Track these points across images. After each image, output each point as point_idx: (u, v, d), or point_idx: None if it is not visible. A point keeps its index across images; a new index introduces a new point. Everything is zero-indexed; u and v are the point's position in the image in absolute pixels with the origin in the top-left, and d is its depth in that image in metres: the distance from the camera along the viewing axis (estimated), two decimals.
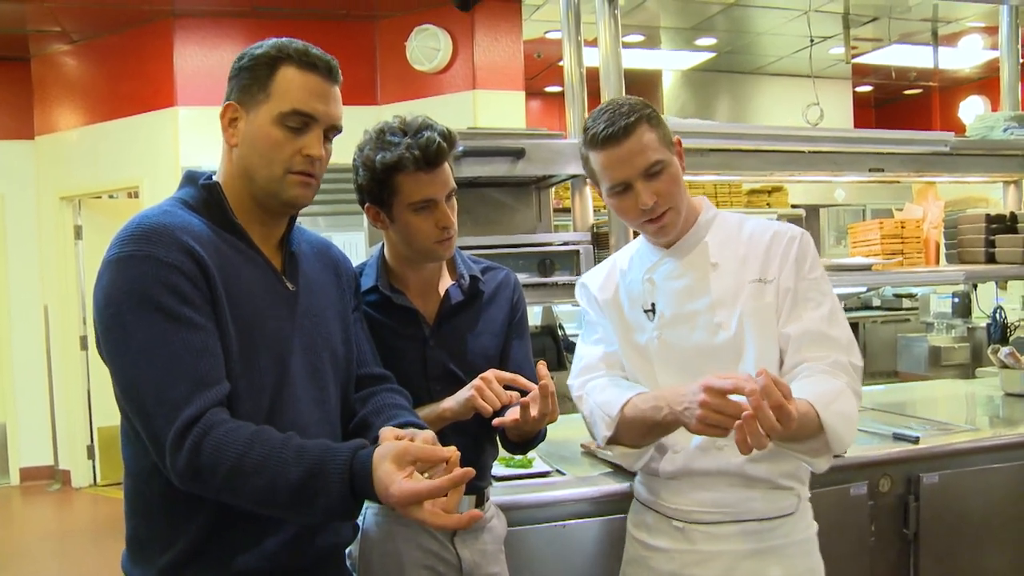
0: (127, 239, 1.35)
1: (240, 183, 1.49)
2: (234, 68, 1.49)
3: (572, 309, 4.07)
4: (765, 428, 1.38)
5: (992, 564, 2.58)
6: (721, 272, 1.80)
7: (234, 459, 1.28)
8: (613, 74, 2.91)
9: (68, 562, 5.50)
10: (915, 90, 10.24)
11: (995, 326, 3.90)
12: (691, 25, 7.36)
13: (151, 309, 1.31)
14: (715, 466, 1.76)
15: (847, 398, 1.64)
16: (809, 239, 1.82)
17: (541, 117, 9.42)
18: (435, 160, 1.75)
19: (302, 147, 1.45)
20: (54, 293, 7.38)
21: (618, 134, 1.70)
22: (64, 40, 6.92)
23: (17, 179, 7.41)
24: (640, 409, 1.72)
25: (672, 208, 1.75)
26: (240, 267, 1.45)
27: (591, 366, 1.92)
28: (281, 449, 1.29)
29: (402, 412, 1.65)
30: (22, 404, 7.46)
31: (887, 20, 7.19)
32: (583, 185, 2.89)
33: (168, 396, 1.29)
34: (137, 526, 1.47)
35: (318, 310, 1.58)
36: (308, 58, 1.46)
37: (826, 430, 1.57)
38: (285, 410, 1.45)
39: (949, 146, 3.32)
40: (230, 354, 1.38)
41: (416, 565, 1.84)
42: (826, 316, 1.74)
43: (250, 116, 1.46)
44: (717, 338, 1.76)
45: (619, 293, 1.92)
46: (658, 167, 1.71)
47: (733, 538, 1.75)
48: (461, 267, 1.94)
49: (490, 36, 6.42)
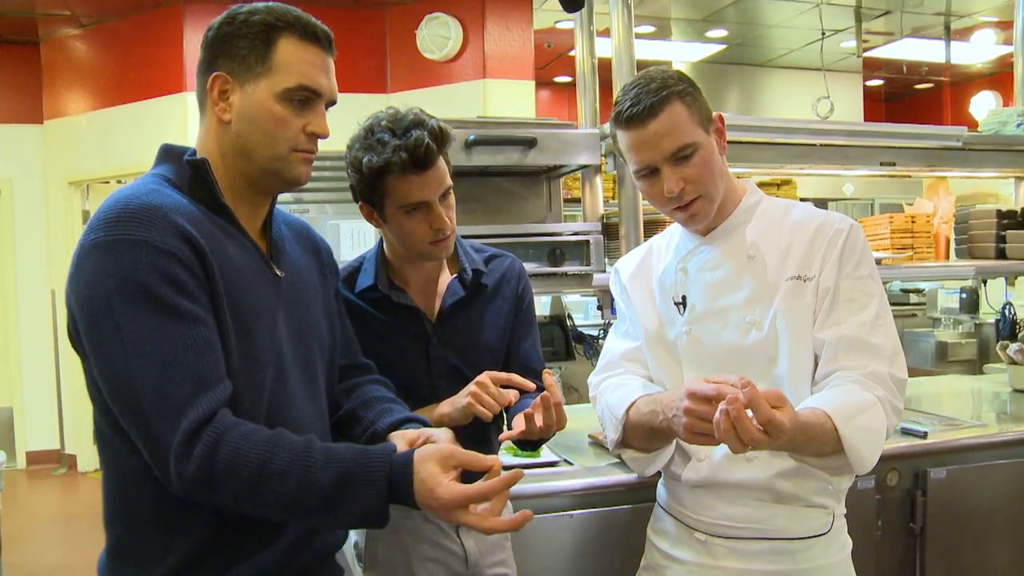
0: (114, 221, 1.21)
1: (233, 162, 1.37)
2: (219, 33, 1.35)
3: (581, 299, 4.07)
4: (745, 439, 1.27)
5: (998, 559, 2.58)
6: (759, 265, 1.63)
7: (257, 466, 1.18)
8: (626, 64, 2.89)
9: (74, 545, 5.52)
10: (926, 85, 10.19)
11: (1004, 322, 3.88)
12: (702, 17, 7.33)
13: (146, 301, 1.18)
14: (743, 478, 1.62)
15: (875, 413, 1.48)
16: (859, 232, 1.63)
17: (550, 107, 9.39)
18: (425, 162, 1.65)
19: (306, 124, 1.36)
20: (62, 278, 7.30)
21: (643, 114, 1.54)
22: (73, 24, 6.91)
23: (26, 163, 7.42)
24: (641, 413, 1.62)
25: (703, 196, 1.60)
26: (232, 252, 1.33)
27: (612, 363, 1.81)
28: (307, 454, 1.22)
29: (395, 407, 1.57)
30: (29, 388, 7.49)
31: (899, 14, 7.15)
32: (593, 175, 2.88)
33: (169, 397, 1.17)
34: (121, 536, 1.33)
35: (305, 297, 1.49)
36: (310, 28, 1.36)
37: (845, 446, 1.43)
38: (283, 407, 1.37)
39: (961, 141, 3.30)
40: (229, 349, 1.27)
41: (422, 557, 1.82)
42: (869, 321, 1.56)
43: (245, 89, 1.33)
44: (748, 338, 1.62)
45: (652, 282, 1.78)
46: (688, 150, 1.56)
47: (760, 556, 1.61)
48: (463, 259, 1.86)
49: (501, 25, 6.40)
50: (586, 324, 3.62)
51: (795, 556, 1.61)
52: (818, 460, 1.49)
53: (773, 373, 1.61)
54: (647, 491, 1.94)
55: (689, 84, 1.60)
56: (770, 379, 1.61)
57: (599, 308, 2.90)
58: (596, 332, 3.32)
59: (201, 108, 1.40)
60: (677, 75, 1.60)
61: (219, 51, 1.35)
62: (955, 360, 5.48)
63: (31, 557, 5.18)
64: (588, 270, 2.66)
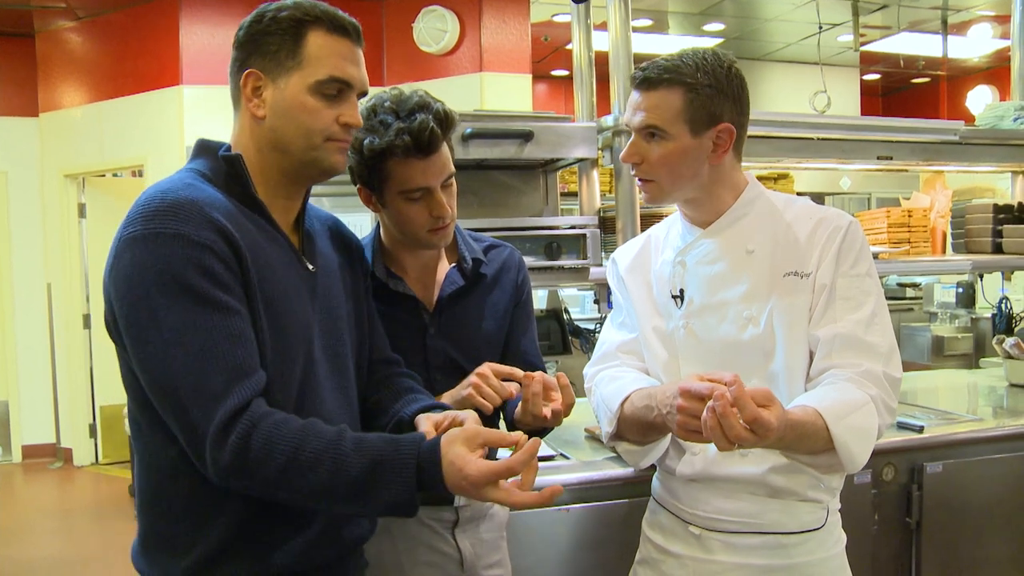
0: (152, 214, 1.25)
1: (269, 156, 1.40)
2: (249, 32, 1.38)
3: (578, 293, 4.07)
4: (731, 437, 1.28)
5: (994, 553, 2.58)
6: (757, 259, 1.63)
7: (289, 453, 1.22)
8: (623, 58, 2.89)
9: (69, 540, 5.52)
10: (923, 79, 10.19)
11: (1001, 316, 3.89)
12: (699, 10, 7.32)
13: (183, 292, 1.22)
14: (737, 473, 1.62)
15: (867, 412, 1.48)
16: (858, 229, 1.62)
17: (547, 100, 9.37)
18: (428, 147, 1.61)
19: (339, 115, 1.38)
20: (57, 271, 7.38)
21: (641, 84, 1.59)
22: (69, 16, 6.88)
23: (21, 156, 7.40)
24: (636, 407, 1.61)
25: (654, 183, 1.63)
26: (264, 246, 1.36)
27: (608, 354, 1.80)
28: (337, 442, 1.25)
29: (421, 396, 1.60)
30: (25, 382, 7.48)
31: (896, 8, 7.15)
32: (590, 169, 2.88)
33: (206, 386, 1.22)
34: (154, 523, 1.37)
35: (335, 291, 1.52)
36: (338, 21, 1.39)
37: (836, 445, 1.43)
38: (312, 398, 1.40)
39: (959, 135, 3.30)
40: (262, 341, 1.31)
41: (418, 561, 1.78)
42: (865, 319, 1.56)
43: (278, 84, 1.36)
44: (745, 333, 1.61)
45: (649, 274, 1.77)
46: (656, 133, 1.58)
47: (754, 551, 1.61)
48: (463, 248, 1.82)
49: (498, 18, 6.39)
50: (582, 318, 3.61)
51: (789, 550, 1.61)
52: (809, 458, 1.50)
53: (768, 369, 1.61)
54: (643, 485, 1.93)
55: (713, 84, 1.56)
56: (765, 375, 1.61)
57: (596, 302, 2.90)
58: (593, 326, 3.32)
59: (235, 105, 1.42)
60: (712, 67, 1.57)
61: (250, 49, 1.38)
62: (951, 354, 5.48)
63: (27, 551, 5.18)
64: (585, 264, 2.66)
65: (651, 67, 1.58)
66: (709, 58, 1.58)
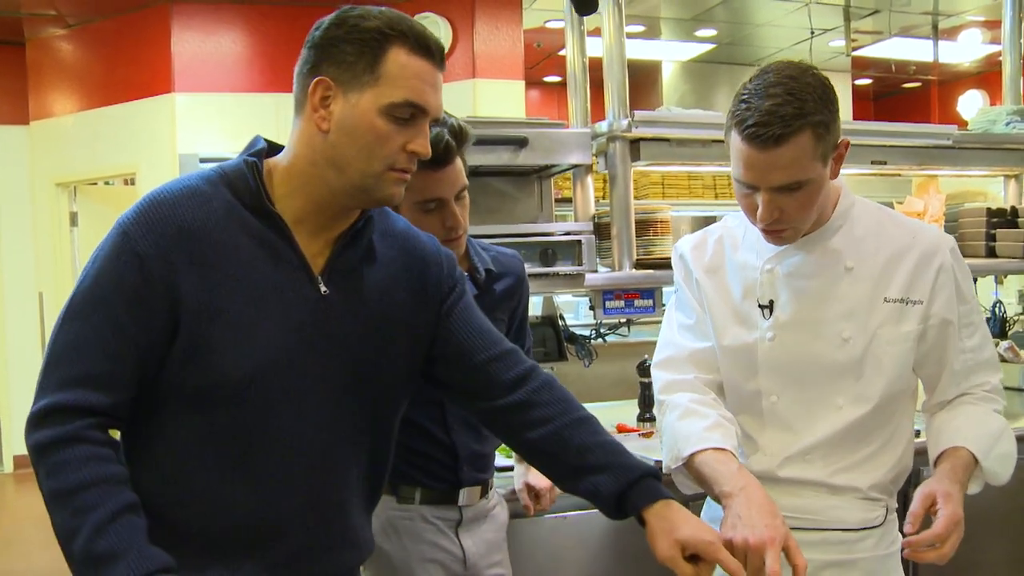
0: (134, 207, 1.27)
1: (322, 171, 1.28)
2: (327, 35, 1.27)
3: (572, 299, 4.06)
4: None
5: (991, 557, 2.58)
6: (856, 278, 1.58)
7: (58, 485, 1.20)
8: (616, 64, 2.89)
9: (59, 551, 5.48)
10: (914, 84, 10.24)
11: (994, 320, 3.90)
12: (691, 16, 7.34)
13: (97, 285, 1.26)
14: (801, 475, 1.62)
15: (1007, 438, 1.60)
16: (957, 250, 1.63)
17: (540, 107, 9.39)
18: (443, 160, 1.63)
19: (408, 141, 1.27)
20: (49, 280, 7.34)
21: (767, 141, 1.41)
22: (60, 24, 6.86)
23: (12, 165, 7.36)
24: (704, 469, 1.51)
25: (793, 228, 1.53)
26: (246, 257, 1.26)
27: (678, 361, 1.69)
28: (100, 509, 1.22)
29: (586, 424, 1.43)
30: (16, 391, 7.41)
31: (888, 13, 7.18)
32: (585, 175, 2.87)
33: (55, 370, 1.23)
34: None
35: (360, 318, 1.35)
36: (423, 40, 1.28)
37: (986, 475, 1.57)
38: (265, 420, 1.28)
39: (952, 140, 3.32)
40: (186, 348, 1.24)
41: (421, 558, 1.81)
42: (983, 340, 1.65)
43: (349, 98, 1.25)
44: (840, 354, 1.57)
45: (727, 276, 1.67)
46: (796, 186, 1.46)
47: (815, 546, 1.57)
48: (475, 258, 1.84)
49: (491, 25, 6.39)
50: (577, 324, 3.60)
51: (849, 546, 1.62)
52: None
53: (856, 391, 1.59)
54: None
55: (827, 107, 1.46)
56: (853, 396, 1.59)
57: (591, 308, 2.89)
58: (588, 332, 3.31)
59: (298, 109, 1.31)
60: (819, 94, 1.45)
61: (325, 55, 1.27)
62: None
63: (18, 562, 5.14)
64: (580, 270, 2.65)
65: (770, 119, 1.41)
66: (810, 79, 1.46)
